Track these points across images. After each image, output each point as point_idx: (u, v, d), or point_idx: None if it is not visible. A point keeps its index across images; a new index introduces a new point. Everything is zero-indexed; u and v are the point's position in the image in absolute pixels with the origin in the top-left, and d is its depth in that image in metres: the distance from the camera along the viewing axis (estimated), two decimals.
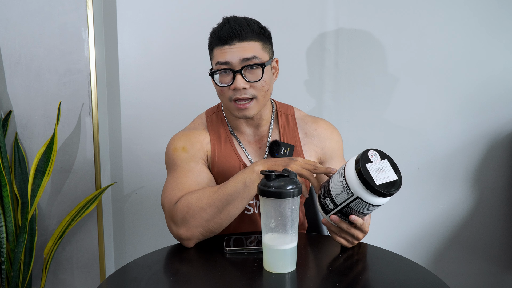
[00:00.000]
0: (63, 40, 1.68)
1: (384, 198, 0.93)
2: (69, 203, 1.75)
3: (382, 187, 0.91)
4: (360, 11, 1.77)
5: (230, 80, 1.11)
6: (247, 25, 1.10)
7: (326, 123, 1.27)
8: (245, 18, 1.13)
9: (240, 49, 1.09)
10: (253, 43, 1.11)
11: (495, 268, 1.90)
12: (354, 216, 0.98)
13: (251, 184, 1.03)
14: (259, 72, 1.11)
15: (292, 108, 1.28)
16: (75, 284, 1.81)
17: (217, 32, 1.11)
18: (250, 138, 1.23)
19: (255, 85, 1.11)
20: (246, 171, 1.05)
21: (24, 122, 1.72)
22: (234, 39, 1.09)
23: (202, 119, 1.26)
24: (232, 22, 1.10)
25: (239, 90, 1.10)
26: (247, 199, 1.05)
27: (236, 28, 1.09)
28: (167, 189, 1.13)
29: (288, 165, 1.02)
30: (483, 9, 1.75)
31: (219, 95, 1.16)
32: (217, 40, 1.11)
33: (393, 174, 0.94)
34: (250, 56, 1.09)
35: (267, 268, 0.94)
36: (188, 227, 1.05)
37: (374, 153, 0.96)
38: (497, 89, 1.80)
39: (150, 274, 0.95)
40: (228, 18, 1.13)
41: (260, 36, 1.13)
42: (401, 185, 0.94)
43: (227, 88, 1.12)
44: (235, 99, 1.12)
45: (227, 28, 1.09)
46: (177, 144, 1.18)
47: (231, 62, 1.10)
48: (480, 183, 1.85)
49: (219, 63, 1.11)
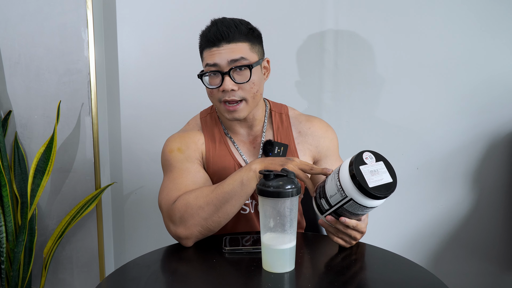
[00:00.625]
0: (62, 40, 1.69)
1: (378, 201, 0.93)
2: (69, 203, 1.76)
3: (376, 190, 0.91)
4: (359, 11, 1.77)
5: (219, 82, 1.12)
6: (235, 26, 1.11)
7: (320, 121, 1.27)
8: (233, 19, 1.13)
9: (228, 51, 1.10)
10: (241, 44, 1.11)
11: (494, 268, 1.90)
12: (344, 218, 0.98)
13: (248, 182, 1.03)
14: (247, 73, 1.12)
15: (286, 107, 1.28)
16: (75, 284, 1.81)
17: (205, 35, 1.13)
18: (244, 138, 1.24)
19: (243, 87, 1.12)
20: (243, 170, 1.05)
21: (23, 122, 1.72)
22: (222, 41, 1.10)
23: (196, 121, 1.27)
24: (219, 24, 1.11)
25: (227, 92, 1.11)
26: (244, 197, 1.05)
27: (223, 30, 1.09)
28: (164, 190, 1.13)
29: (285, 164, 1.03)
30: (483, 9, 1.75)
31: (209, 97, 1.17)
32: (205, 42, 1.12)
33: (387, 176, 0.94)
34: (237, 57, 1.10)
35: (265, 268, 0.94)
36: (187, 226, 1.05)
37: (369, 154, 0.95)
38: (496, 89, 1.80)
39: (149, 273, 0.95)
40: (216, 20, 1.13)
41: (249, 36, 1.13)
42: (395, 188, 0.93)
43: (216, 90, 1.13)
44: (224, 100, 1.13)
45: (214, 30, 1.10)
46: (173, 145, 1.19)
47: (219, 64, 1.11)
48: (479, 183, 1.85)
49: (208, 65, 1.12)
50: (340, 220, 0.98)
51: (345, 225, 0.99)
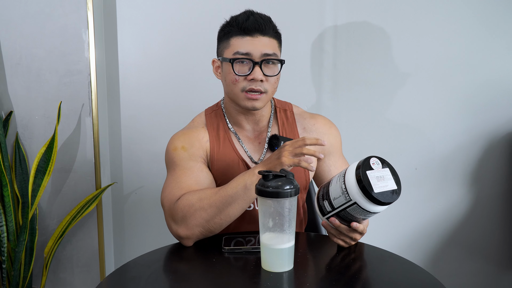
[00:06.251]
0: (63, 41, 1.69)
1: (381, 207, 0.94)
2: (69, 203, 1.76)
3: (380, 196, 0.92)
4: (358, 11, 1.77)
5: (247, 71, 1.13)
6: (269, 21, 1.15)
7: (324, 118, 1.29)
8: (264, 15, 1.17)
9: (261, 43, 1.13)
10: (273, 40, 1.16)
11: (493, 268, 1.90)
12: (355, 223, 0.99)
13: (251, 186, 1.04)
14: (276, 68, 1.15)
15: (291, 105, 1.30)
16: (75, 283, 1.82)
17: (240, 22, 1.13)
18: (250, 134, 1.24)
19: (270, 80, 1.15)
20: (247, 174, 1.06)
21: (24, 122, 1.73)
22: (257, 32, 1.13)
23: (201, 118, 1.27)
24: (256, 15, 1.14)
25: (255, 81, 1.13)
26: (247, 201, 1.06)
27: (261, 22, 1.13)
28: (166, 188, 1.14)
29: (280, 157, 1.02)
30: (482, 9, 1.75)
31: (230, 85, 1.16)
32: (238, 30, 1.13)
33: (392, 183, 0.95)
34: (271, 52, 1.14)
35: (265, 267, 0.95)
36: (188, 226, 1.06)
37: (376, 160, 0.96)
38: (495, 90, 1.80)
39: (149, 273, 0.96)
40: (251, 11, 1.16)
41: (278, 35, 1.18)
42: (399, 195, 0.94)
43: (243, 78, 1.13)
44: (249, 89, 1.13)
45: (252, 20, 1.12)
46: (177, 143, 1.19)
47: (252, 54, 1.12)
48: (478, 183, 1.86)
49: (239, 53, 1.13)
50: (352, 225, 0.99)
51: (353, 229, 1.00)
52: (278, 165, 1.02)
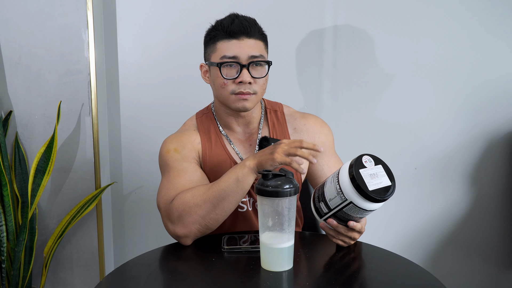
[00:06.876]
0: (63, 41, 1.69)
1: (377, 204, 0.94)
2: (69, 202, 1.76)
3: (375, 193, 0.92)
4: (358, 11, 1.77)
5: (235, 74, 1.14)
6: (254, 24, 1.16)
7: (315, 118, 1.29)
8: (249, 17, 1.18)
9: (247, 46, 1.13)
10: (259, 42, 1.17)
11: (492, 268, 1.90)
12: (353, 223, 1.00)
13: (243, 178, 1.04)
14: (263, 70, 1.16)
15: (281, 105, 1.30)
16: (75, 283, 1.82)
17: (225, 26, 1.14)
18: (240, 136, 1.25)
19: (258, 81, 1.15)
20: (237, 167, 1.06)
21: (24, 122, 1.73)
22: (242, 35, 1.13)
23: (192, 121, 1.29)
24: (241, 18, 1.15)
25: (244, 84, 1.13)
26: (240, 194, 1.06)
27: (246, 25, 1.13)
28: (161, 190, 1.15)
29: (274, 152, 1.01)
30: (482, 9, 1.76)
31: (219, 89, 1.17)
32: (223, 33, 1.14)
33: (386, 180, 0.95)
34: (257, 54, 1.14)
35: (264, 266, 0.95)
36: (185, 224, 1.06)
37: (368, 158, 0.97)
38: (495, 89, 1.80)
39: (148, 272, 0.96)
40: (235, 14, 1.17)
41: (263, 37, 1.19)
42: (394, 191, 0.94)
43: (231, 81, 1.14)
44: (238, 92, 1.14)
45: (237, 23, 1.13)
46: (169, 146, 1.21)
47: (238, 57, 1.13)
48: (477, 183, 1.86)
49: (226, 57, 1.13)
50: (349, 224, 1.00)
51: (351, 228, 1.01)
52: (269, 160, 1.01)
